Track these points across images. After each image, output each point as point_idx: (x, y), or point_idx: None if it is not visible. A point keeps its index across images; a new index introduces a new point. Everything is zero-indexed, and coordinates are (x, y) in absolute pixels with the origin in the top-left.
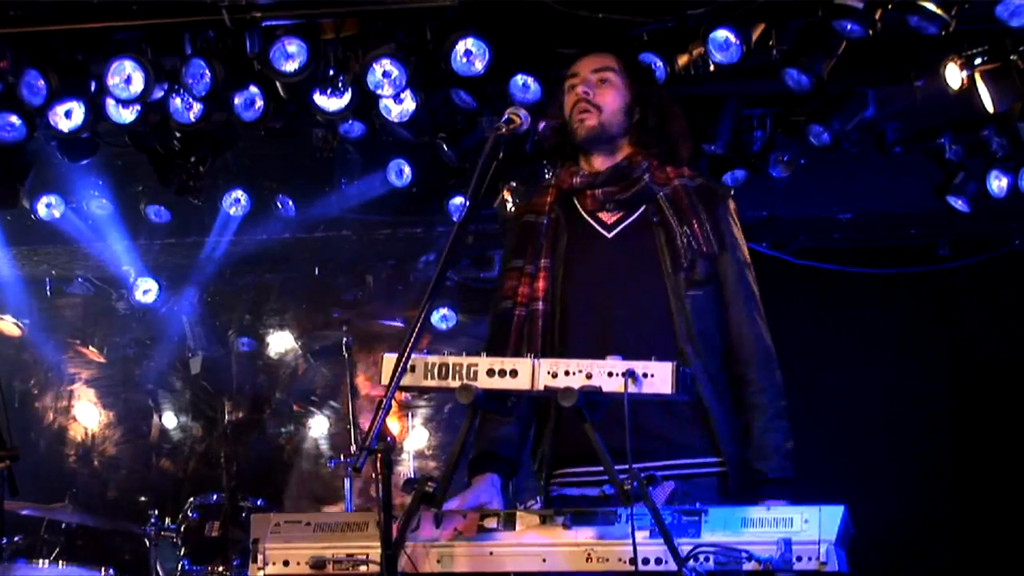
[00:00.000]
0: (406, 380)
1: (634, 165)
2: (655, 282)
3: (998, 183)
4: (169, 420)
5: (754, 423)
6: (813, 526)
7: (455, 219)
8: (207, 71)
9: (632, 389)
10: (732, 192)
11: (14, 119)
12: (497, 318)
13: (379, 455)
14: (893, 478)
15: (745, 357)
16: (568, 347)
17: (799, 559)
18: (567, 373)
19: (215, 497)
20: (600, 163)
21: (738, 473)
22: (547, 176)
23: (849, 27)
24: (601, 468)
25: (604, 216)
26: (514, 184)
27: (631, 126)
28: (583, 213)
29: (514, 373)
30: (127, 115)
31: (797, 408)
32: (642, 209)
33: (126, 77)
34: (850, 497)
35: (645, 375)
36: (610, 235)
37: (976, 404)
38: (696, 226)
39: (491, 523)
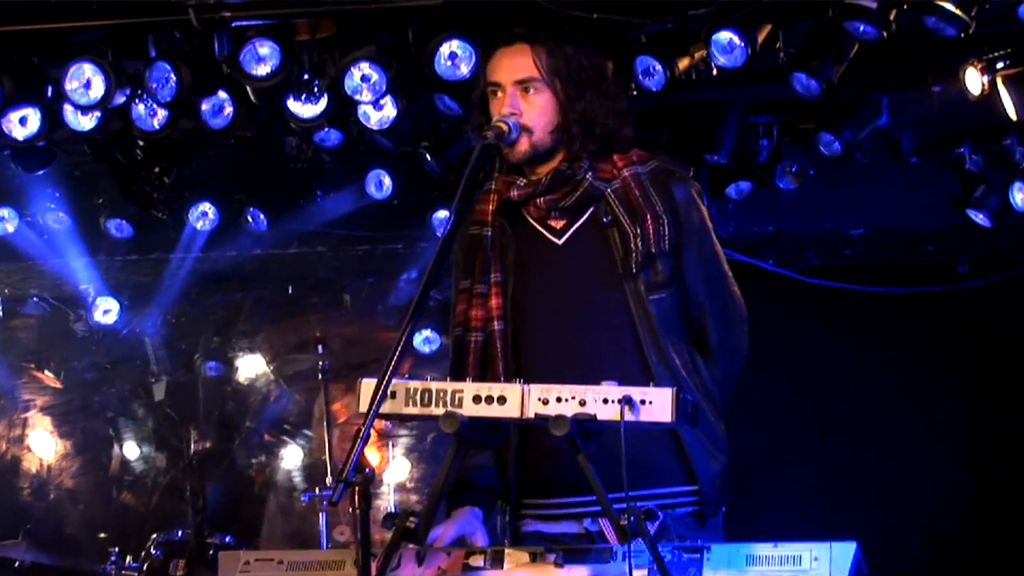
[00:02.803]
0: (386, 407)
1: (574, 167)
2: (614, 288)
3: (1022, 195)
4: (131, 450)
5: None
6: (823, 565)
7: (439, 234)
8: (172, 75)
9: (629, 417)
10: (692, 172)
11: None
12: (454, 347)
13: (357, 488)
14: (908, 510)
15: (719, 368)
16: (526, 366)
17: None
18: (559, 399)
19: (180, 533)
20: (539, 171)
21: (715, 496)
22: (487, 183)
23: (862, 28)
24: (571, 500)
25: (552, 222)
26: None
27: (571, 136)
28: (530, 220)
29: (502, 400)
30: (86, 122)
31: (806, 434)
32: (591, 210)
33: (85, 81)
34: (862, 530)
35: (643, 402)
36: (560, 241)
37: (997, 431)
38: (651, 222)
39: (477, 561)
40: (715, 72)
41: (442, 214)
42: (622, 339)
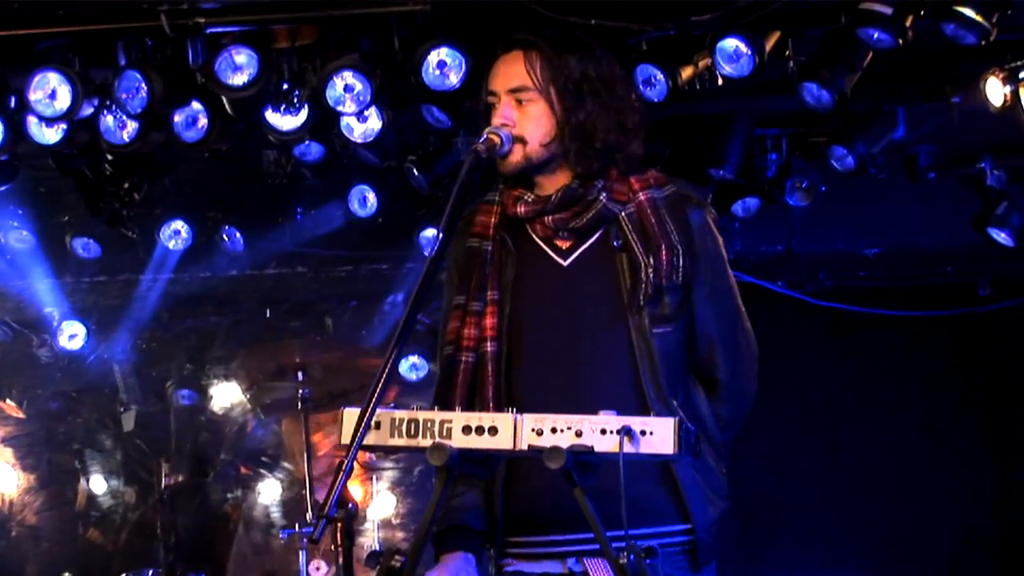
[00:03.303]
0: (370, 439)
1: (587, 186)
2: (617, 318)
3: None
4: (98, 484)
5: None
6: None
7: (426, 254)
8: (143, 85)
9: (629, 449)
10: (710, 199)
11: None
12: (442, 367)
13: (339, 524)
14: (928, 552)
15: (726, 408)
16: (516, 394)
17: None
18: (554, 430)
19: (150, 573)
20: (546, 186)
21: (710, 542)
22: (490, 194)
23: (876, 36)
24: (556, 538)
25: (559, 242)
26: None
27: (567, 148)
28: (535, 238)
29: (493, 430)
30: (51, 135)
31: (816, 469)
32: (600, 232)
33: (50, 92)
34: (877, 574)
35: (643, 432)
36: (566, 263)
37: (1022, 465)
38: (665, 252)
39: None
40: (720, 82)
41: (430, 232)
42: (620, 372)
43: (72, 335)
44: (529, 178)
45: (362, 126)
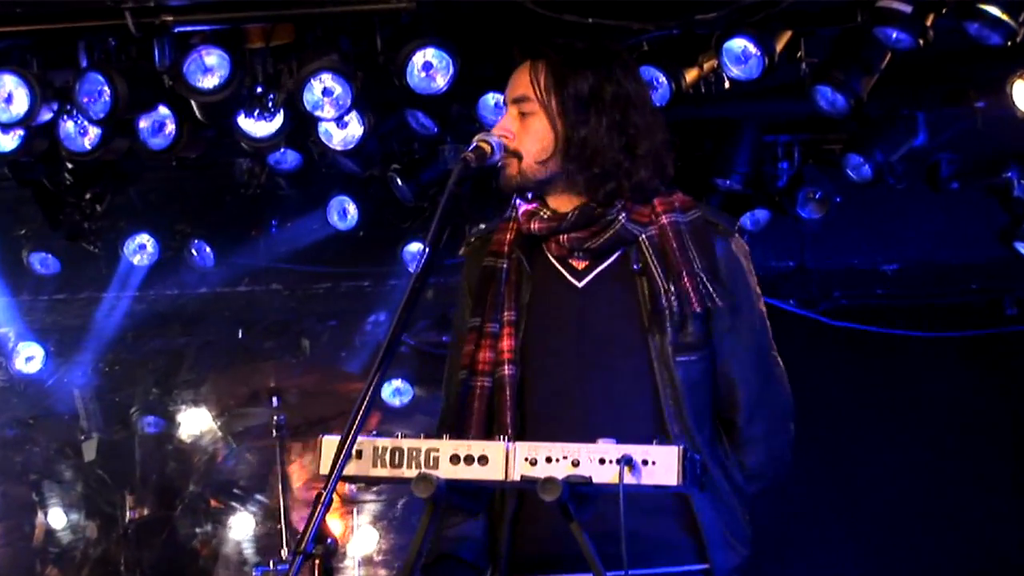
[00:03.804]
0: (351, 469)
1: (607, 205)
2: (636, 344)
3: None
4: (57, 518)
5: None
6: None
7: (412, 270)
8: (106, 88)
9: (629, 480)
10: (738, 226)
11: None
12: (454, 393)
13: (317, 561)
14: None
15: (748, 456)
16: (529, 423)
17: None
18: (549, 460)
19: None
20: (561, 203)
21: None
22: (508, 211)
23: (895, 36)
24: None
25: (574, 262)
26: (483, 227)
27: (566, 168)
28: (550, 257)
29: (483, 460)
30: (8, 142)
31: (833, 501)
32: (618, 254)
33: (6, 95)
34: None
35: (645, 462)
36: (580, 284)
37: None
38: (687, 280)
39: None
40: (727, 85)
41: (415, 247)
42: (640, 405)
43: (29, 357)
44: (542, 195)
45: (342, 132)
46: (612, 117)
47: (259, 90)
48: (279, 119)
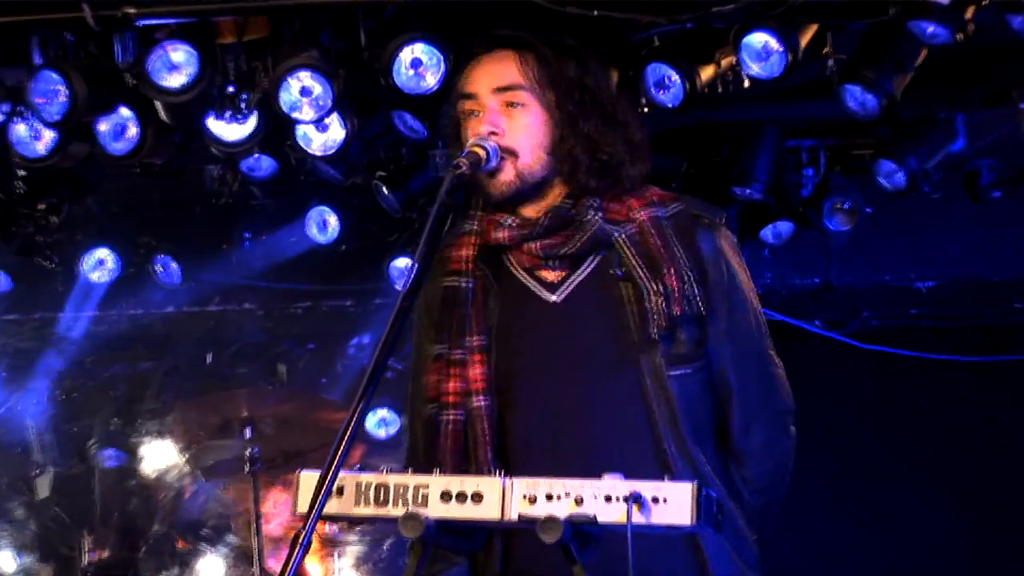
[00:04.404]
0: (332, 507)
1: (579, 206)
2: (625, 358)
3: None
4: (7, 561)
5: None
6: None
7: (399, 288)
8: (63, 87)
9: (639, 519)
10: (726, 218)
11: None
12: (422, 429)
13: None
14: None
15: (750, 469)
16: (512, 459)
17: None
18: (549, 497)
19: None
20: (532, 209)
21: None
22: (467, 223)
23: (931, 30)
24: None
25: (546, 274)
26: None
27: (565, 164)
28: (517, 270)
29: (477, 497)
30: None
31: (862, 538)
32: (596, 259)
33: None
34: None
35: (656, 500)
36: (556, 299)
37: None
38: (673, 277)
39: None
40: (746, 84)
41: (402, 262)
42: (633, 424)
43: None
44: (513, 201)
45: (322, 136)
46: (605, 108)
47: (231, 89)
48: (253, 121)
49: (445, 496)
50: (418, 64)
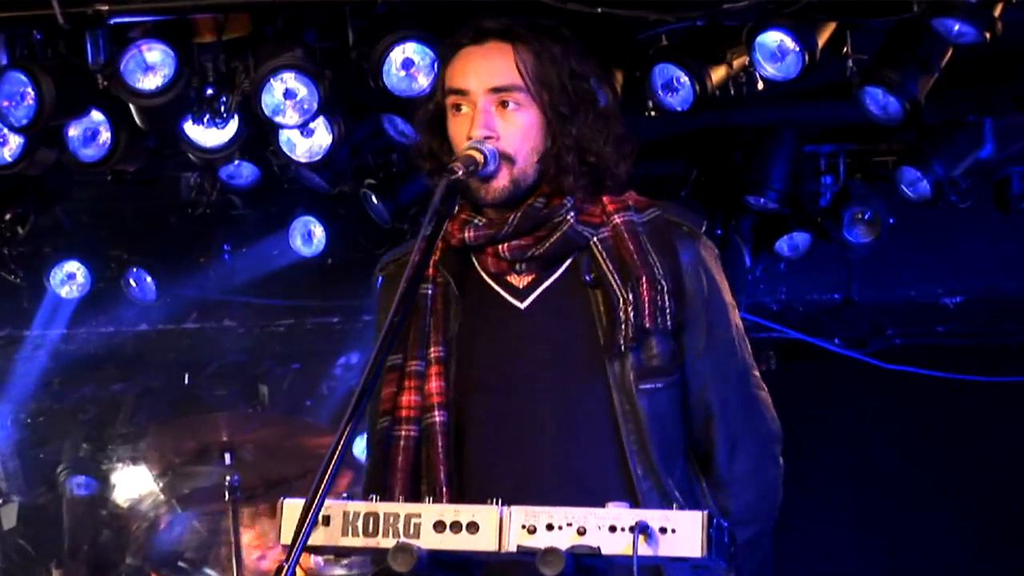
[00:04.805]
0: (317, 538)
1: (553, 205)
2: (592, 371)
3: None
4: None
5: None
6: None
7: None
8: (30, 90)
9: (645, 550)
10: (705, 226)
11: None
12: (376, 445)
13: None
14: None
15: (731, 498)
16: (467, 477)
17: None
18: (550, 527)
19: None
20: (504, 208)
21: None
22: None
23: (957, 28)
24: None
25: (514, 279)
26: (402, 246)
27: (555, 168)
28: (484, 275)
29: (473, 527)
30: None
31: (886, 570)
32: (567, 264)
33: None
34: None
35: (664, 530)
36: (523, 305)
37: None
38: (646, 286)
39: None
40: (760, 86)
41: None
42: (597, 443)
43: None
44: (503, 207)
45: (307, 142)
46: (594, 103)
47: (209, 92)
48: (233, 126)
49: (438, 526)
50: (410, 65)
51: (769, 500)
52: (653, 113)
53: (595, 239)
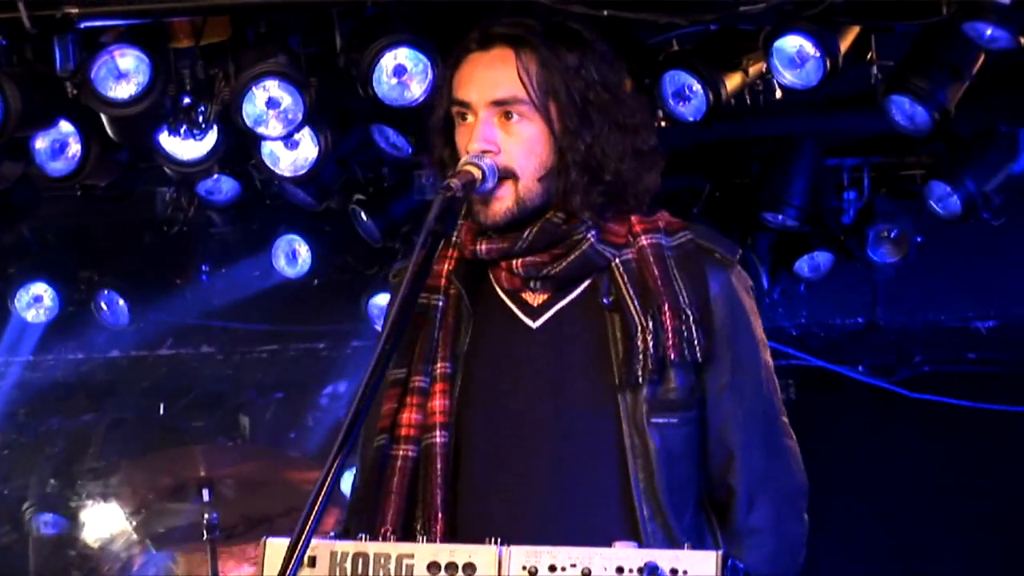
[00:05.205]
0: None
1: (572, 222)
2: (603, 399)
3: None
4: None
5: None
6: None
7: (379, 328)
8: None
9: None
10: (739, 255)
11: None
12: (371, 463)
13: None
14: None
15: (748, 550)
16: (461, 505)
17: None
18: (552, 568)
19: None
20: (521, 223)
21: None
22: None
23: (989, 33)
24: None
25: (528, 296)
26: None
27: (567, 184)
28: (498, 290)
29: (470, 568)
30: None
31: None
32: (585, 284)
33: None
34: None
35: (675, 571)
36: (535, 324)
37: None
38: (669, 315)
39: None
40: (778, 95)
41: (383, 299)
42: (604, 479)
43: None
44: (508, 229)
45: (291, 154)
46: (612, 111)
47: (187, 101)
48: (212, 137)
49: (433, 567)
50: (402, 71)
51: (788, 557)
52: (663, 123)
53: (617, 260)
